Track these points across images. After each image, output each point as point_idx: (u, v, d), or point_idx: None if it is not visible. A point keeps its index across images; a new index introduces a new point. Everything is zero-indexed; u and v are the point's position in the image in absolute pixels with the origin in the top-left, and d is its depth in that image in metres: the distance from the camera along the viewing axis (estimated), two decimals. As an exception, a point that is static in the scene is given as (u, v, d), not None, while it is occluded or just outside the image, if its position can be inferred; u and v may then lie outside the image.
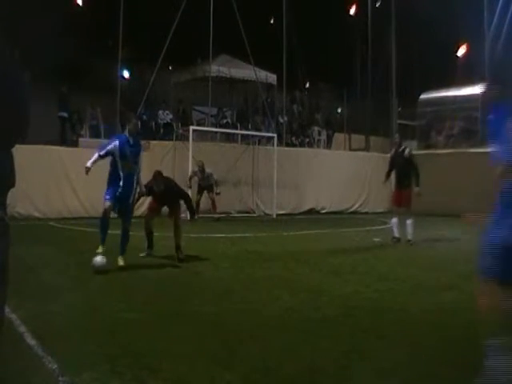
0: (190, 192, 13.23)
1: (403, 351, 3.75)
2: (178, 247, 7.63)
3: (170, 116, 17.49)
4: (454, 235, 11.63)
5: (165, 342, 3.82)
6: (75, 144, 14.43)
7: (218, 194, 14.11)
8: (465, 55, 23.84)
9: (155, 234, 8.12)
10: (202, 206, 15.55)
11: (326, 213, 17.42)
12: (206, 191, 14.22)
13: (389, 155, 10.50)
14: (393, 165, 9.90)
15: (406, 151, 9.69)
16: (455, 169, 16.56)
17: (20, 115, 1.69)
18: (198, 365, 3.40)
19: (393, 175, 10.10)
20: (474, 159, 16.39)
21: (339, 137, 21.70)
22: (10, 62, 1.91)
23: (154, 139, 15.56)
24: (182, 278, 6.30)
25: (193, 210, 8.75)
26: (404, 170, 9.61)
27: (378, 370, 3.37)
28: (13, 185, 2.24)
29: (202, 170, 14.00)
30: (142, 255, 7.75)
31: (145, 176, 14.82)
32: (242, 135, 17.84)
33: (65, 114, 14.70)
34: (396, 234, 9.83)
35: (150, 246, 7.93)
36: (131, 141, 7.06)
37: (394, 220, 9.88)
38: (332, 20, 22.42)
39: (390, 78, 20.82)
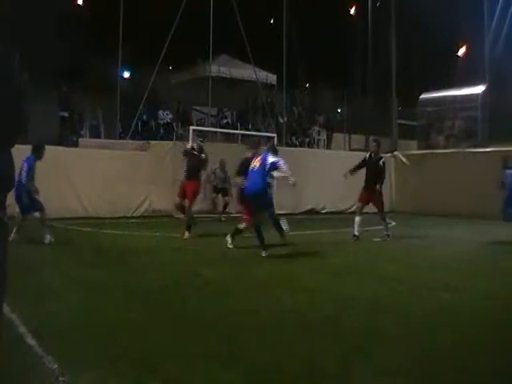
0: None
1: (403, 351, 3.75)
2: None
3: (170, 116, 17.49)
4: (454, 235, 11.63)
5: (165, 342, 3.82)
6: (75, 144, 14.42)
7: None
8: (465, 55, 23.85)
9: (157, 234, 8.20)
10: (202, 205, 15.55)
11: (326, 213, 17.40)
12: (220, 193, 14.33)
13: (369, 157, 10.73)
14: (364, 167, 10.50)
15: (381, 162, 10.37)
16: (455, 169, 16.55)
17: (18, 115, 1.68)
18: (198, 365, 3.40)
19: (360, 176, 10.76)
20: (473, 159, 16.41)
21: (339, 137, 21.69)
22: (7, 63, 1.90)
23: (154, 139, 15.56)
24: (182, 278, 6.30)
25: None
26: (375, 175, 10.29)
27: (378, 370, 3.37)
28: (13, 185, 2.24)
29: (222, 168, 14.11)
30: (185, 238, 9.53)
31: (144, 176, 14.78)
32: (242, 135, 17.83)
33: (65, 114, 14.70)
34: (356, 232, 10.29)
35: (189, 229, 9.85)
36: None
37: (357, 219, 10.38)
38: (332, 20, 22.43)
39: (390, 78, 20.81)
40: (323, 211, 17.53)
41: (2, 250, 2.03)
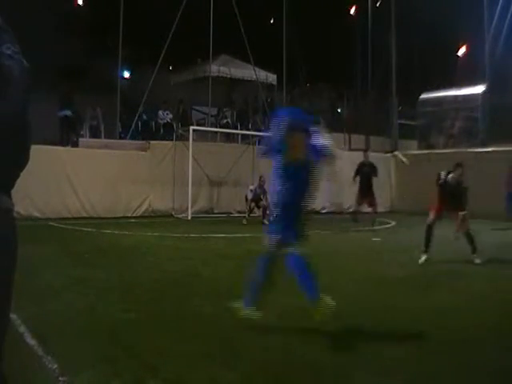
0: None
1: (403, 351, 3.75)
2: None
3: (170, 116, 17.48)
4: (453, 235, 11.60)
5: (165, 342, 3.82)
6: (75, 144, 14.44)
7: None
8: (465, 55, 23.85)
9: (157, 234, 8.16)
10: (200, 206, 15.57)
11: (326, 213, 17.40)
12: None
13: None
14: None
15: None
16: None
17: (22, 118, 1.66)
18: (198, 365, 3.40)
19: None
20: (474, 159, 16.40)
21: (339, 137, 21.68)
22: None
23: (154, 139, 15.56)
24: (182, 278, 6.30)
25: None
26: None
27: (378, 370, 3.37)
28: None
29: (261, 186, 13.74)
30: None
31: (144, 176, 14.78)
32: (242, 135, 17.83)
33: (68, 113, 14.64)
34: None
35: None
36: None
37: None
38: (332, 20, 22.42)
39: (390, 78, 20.81)
40: (323, 211, 17.53)
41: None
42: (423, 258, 7.70)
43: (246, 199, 14.10)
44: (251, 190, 14.00)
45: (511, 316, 4.85)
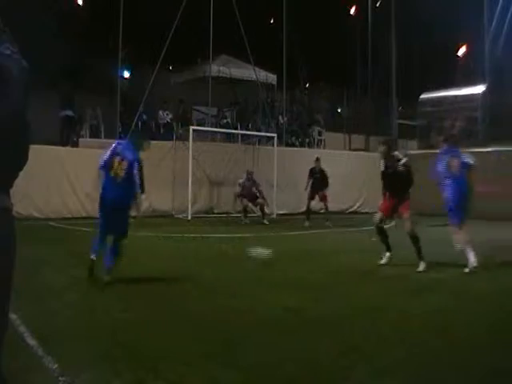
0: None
1: (403, 351, 3.75)
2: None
3: (170, 116, 17.48)
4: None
5: (165, 342, 3.82)
6: (75, 144, 14.43)
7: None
8: (465, 55, 23.85)
9: (157, 234, 8.16)
10: (200, 206, 15.56)
11: (326, 212, 17.39)
12: (249, 200, 14.22)
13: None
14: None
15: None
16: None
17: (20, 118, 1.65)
18: (198, 365, 3.40)
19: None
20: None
21: (339, 137, 21.68)
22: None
23: (154, 139, 15.54)
24: (182, 278, 6.30)
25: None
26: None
27: (377, 370, 3.37)
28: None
29: (249, 178, 14.16)
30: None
31: (144, 176, 14.81)
32: (242, 135, 17.82)
33: (69, 113, 14.64)
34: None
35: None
36: None
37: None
38: (332, 20, 22.42)
39: (390, 78, 20.81)
40: (323, 211, 17.52)
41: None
42: (384, 258, 7.49)
43: (238, 195, 14.27)
44: (239, 184, 14.20)
45: (510, 316, 4.86)
